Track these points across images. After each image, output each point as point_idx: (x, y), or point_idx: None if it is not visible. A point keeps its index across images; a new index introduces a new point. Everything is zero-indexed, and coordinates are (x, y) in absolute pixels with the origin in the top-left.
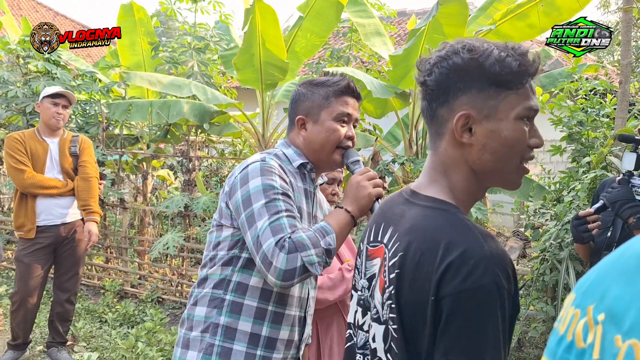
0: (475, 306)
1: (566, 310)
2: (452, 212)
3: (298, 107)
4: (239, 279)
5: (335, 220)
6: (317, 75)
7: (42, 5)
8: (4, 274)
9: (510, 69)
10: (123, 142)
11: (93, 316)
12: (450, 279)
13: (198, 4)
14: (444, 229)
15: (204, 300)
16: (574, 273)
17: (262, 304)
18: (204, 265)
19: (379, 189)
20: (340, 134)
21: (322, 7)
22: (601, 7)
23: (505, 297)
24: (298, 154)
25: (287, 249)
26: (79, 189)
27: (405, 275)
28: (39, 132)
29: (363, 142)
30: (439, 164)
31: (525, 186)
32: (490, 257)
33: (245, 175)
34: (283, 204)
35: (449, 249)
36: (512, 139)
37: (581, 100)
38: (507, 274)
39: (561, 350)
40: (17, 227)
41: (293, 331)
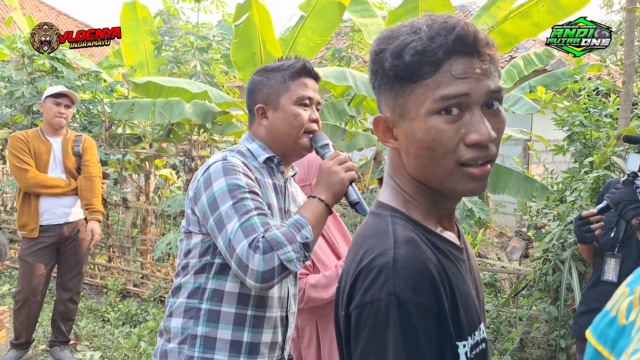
0: (373, 323)
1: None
2: (383, 217)
3: (255, 96)
4: (214, 286)
5: (310, 211)
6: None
7: (45, 5)
8: (6, 273)
9: (403, 59)
10: (126, 141)
11: (95, 315)
12: (356, 291)
13: (201, 3)
14: (367, 235)
15: (179, 311)
16: (576, 273)
17: (240, 310)
18: (177, 274)
19: (352, 172)
20: (304, 118)
21: (324, 6)
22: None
23: (411, 310)
24: (263, 148)
25: (262, 249)
26: (82, 189)
27: (339, 292)
28: (42, 131)
29: (365, 141)
30: (388, 167)
31: (528, 186)
32: (394, 265)
33: (208, 178)
34: (252, 203)
35: (362, 257)
36: (428, 141)
37: (584, 100)
38: (416, 284)
39: (603, 324)
40: (20, 226)
41: (276, 333)
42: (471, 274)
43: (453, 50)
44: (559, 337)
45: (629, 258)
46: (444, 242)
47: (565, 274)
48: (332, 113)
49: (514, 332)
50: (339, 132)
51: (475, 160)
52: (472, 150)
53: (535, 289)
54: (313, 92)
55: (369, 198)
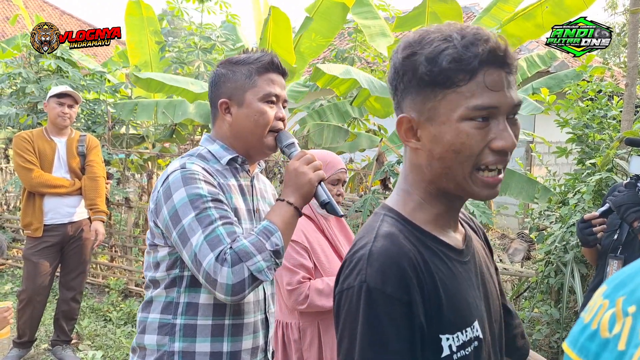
0: (347, 308)
1: (594, 301)
2: (378, 215)
3: (219, 90)
4: (187, 300)
5: (279, 216)
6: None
7: (49, 4)
8: (9, 272)
9: (440, 67)
10: (129, 141)
11: (98, 315)
12: (339, 280)
13: (205, 4)
14: (361, 232)
15: (152, 327)
16: (579, 276)
17: (217, 320)
18: (147, 287)
19: (320, 172)
20: (270, 116)
21: (328, 7)
22: (608, 9)
23: (379, 298)
24: (225, 149)
25: (230, 261)
26: (86, 189)
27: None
28: (47, 131)
29: (368, 142)
30: (405, 168)
31: (530, 188)
32: (368, 256)
33: (167, 189)
34: (215, 212)
35: (350, 251)
36: (456, 144)
37: (587, 102)
38: (386, 275)
39: (584, 338)
40: (24, 225)
41: (257, 337)
42: (477, 275)
43: (487, 61)
44: (560, 340)
45: (632, 260)
46: (436, 242)
47: (567, 276)
48: (335, 114)
49: None
50: (342, 132)
51: (495, 165)
52: (494, 155)
53: (537, 291)
54: (280, 88)
55: (372, 199)
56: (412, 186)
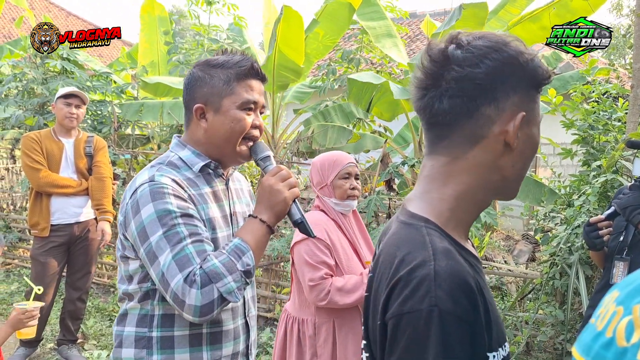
0: (412, 333)
1: (606, 307)
2: (417, 227)
3: (195, 94)
4: (162, 312)
5: (251, 234)
6: (327, 78)
7: (55, 5)
8: (15, 271)
9: (544, 73)
10: (135, 141)
11: (103, 314)
12: (393, 300)
13: (213, 6)
14: (401, 246)
15: (129, 341)
16: (583, 277)
17: (194, 330)
18: (120, 300)
19: (295, 189)
20: (246, 124)
21: (334, 9)
22: (614, 10)
23: (452, 322)
24: (197, 154)
25: (199, 283)
26: (93, 189)
27: (370, 300)
28: (54, 132)
29: (372, 143)
30: (443, 173)
31: (536, 191)
32: (435, 277)
33: (135, 203)
34: (185, 229)
35: (398, 267)
36: (537, 145)
37: (593, 103)
38: (456, 296)
39: (598, 346)
40: (31, 225)
41: (237, 342)
42: None
43: None
44: (565, 341)
45: (638, 261)
46: (469, 255)
47: (572, 278)
48: (340, 115)
49: (520, 335)
50: (345, 133)
51: None
52: None
53: (542, 293)
54: (258, 95)
55: (376, 200)
56: (451, 194)
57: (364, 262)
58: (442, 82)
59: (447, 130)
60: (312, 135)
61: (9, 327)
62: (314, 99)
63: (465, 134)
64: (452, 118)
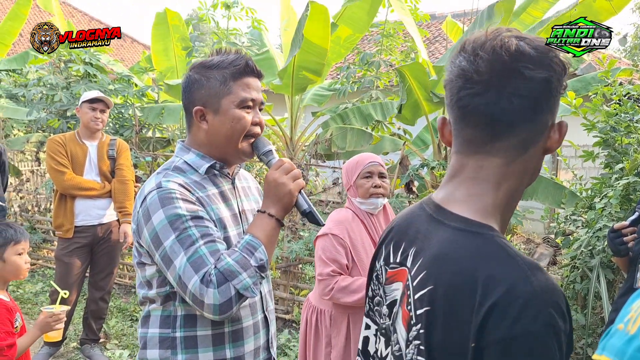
0: (527, 356)
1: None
2: (488, 237)
3: (193, 97)
4: (184, 312)
5: (261, 229)
6: (346, 81)
7: (78, 11)
8: (39, 272)
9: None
10: (155, 144)
11: (124, 314)
12: (495, 324)
13: (231, 10)
14: (480, 259)
15: (153, 342)
16: (604, 281)
17: (216, 330)
18: (142, 303)
19: (299, 180)
20: (246, 122)
21: (354, 12)
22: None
23: (563, 339)
24: (201, 157)
25: (215, 282)
26: (115, 191)
27: (437, 315)
28: (79, 135)
29: (391, 146)
30: (496, 176)
31: (557, 193)
32: (540, 295)
33: (145, 211)
34: (196, 231)
35: (489, 285)
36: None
37: (614, 105)
38: (562, 311)
39: (632, 350)
40: (56, 226)
41: (258, 338)
42: None
43: None
44: (586, 346)
45: None
46: None
47: (593, 282)
48: (358, 117)
49: None
50: (365, 136)
51: None
52: None
53: None
54: (256, 92)
55: (394, 203)
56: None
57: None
58: (512, 80)
59: (506, 130)
60: (331, 137)
61: (37, 330)
62: (332, 102)
63: (523, 137)
64: (515, 119)
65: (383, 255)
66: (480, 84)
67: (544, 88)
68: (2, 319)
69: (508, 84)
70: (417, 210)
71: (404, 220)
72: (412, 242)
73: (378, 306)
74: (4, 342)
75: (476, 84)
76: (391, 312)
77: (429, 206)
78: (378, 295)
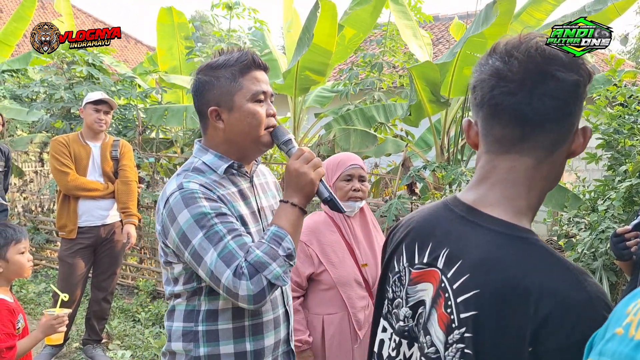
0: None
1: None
2: (534, 242)
3: (205, 98)
4: (207, 307)
5: (286, 219)
6: (349, 82)
7: (82, 12)
8: (42, 272)
9: None
10: (159, 145)
11: (127, 315)
12: (553, 331)
13: (233, 11)
14: (530, 265)
15: (177, 335)
16: (607, 283)
17: (237, 323)
18: (169, 297)
19: (320, 169)
20: (262, 115)
21: (357, 14)
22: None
23: None
24: (219, 157)
25: (247, 275)
26: (119, 192)
27: (486, 319)
28: (82, 136)
29: (394, 147)
30: (528, 177)
31: (559, 195)
32: (595, 300)
33: (170, 212)
34: (223, 227)
35: (543, 293)
36: None
37: (618, 107)
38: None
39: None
40: (59, 227)
41: (279, 331)
42: None
43: None
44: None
45: None
46: None
47: None
48: (361, 119)
49: None
50: (369, 137)
51: None
52: None
53: None
54: (265, 84)
55: (397, 204)
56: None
57: (360, 264)
58: (545, 81)
59: (536, 130)
60: (334, 139)
61: (40, 333)
62: (335, 103)
63: (551, 138)
64: (546, 119)
65: (405, 256)
66: (513, 82)
67: (573, 91)
68: (3, 320)
69: (541, 84)
70: (441, 211)
71: (426, 221)
72: (442, 243)
73: (397, 308)
74: (4, 344)
75: (510, 82)
76: (415, 313)
77: (458, 207)
78: (399, 297)
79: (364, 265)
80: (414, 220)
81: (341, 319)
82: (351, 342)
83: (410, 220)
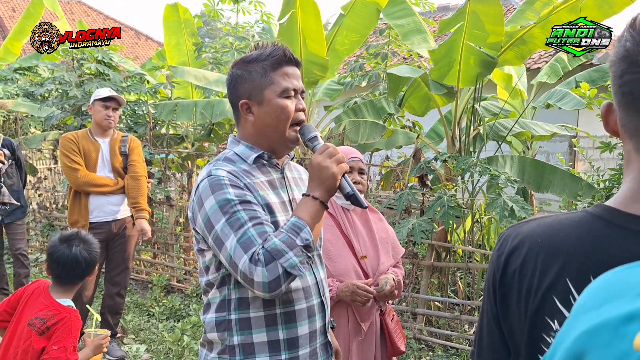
0: None
1: None
2: None
3: (238, 91)
4: (238, 295)
5: (306, 211)
6: (355, 74)
7: (93, 10)
8: None
9: None
10: (169, 141)
11: (141, 310)
12: None
13: (239, 4)
14: None
15: (211, 326)
16: None
17: (269, 311)
18: (204, 292)
19: (343, 164)
20: (290, 110)
21: (362, 5)
22: None
23: None
24: (250, 148)
25: (263, 261)
26: (129, 188)
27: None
28: (91, 132)
29: (405, 139)
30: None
31: (573, 185)
32: None
33: (198, 198)
34: (245, 215)
35: None
36: None
37: None
38: None
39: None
40: (71, 223)
41: (313, 322)
42: None
43: None
44: None
45: None
46: None
47: None
48: (371, 110)
49: None
50: (378, 128)
51: None
52: None
53: None
54: (296, 80)
55: (408, 194)
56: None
57: (358, 256)
58: None
59: None
60: (344, 131)
61: (91, 351)
62: (345, 96)
63: None
64: None
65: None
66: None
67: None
68: (75, 333)
69: None
70: (599, 230)
71: (581, 243)
72: None
73: None
74: (73, 358)
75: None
76: None
77: (631, 223)
78: None
79: (363, 257)
80: (560, 247)
81: (339, 312)
82: (349, 335)
83: (550, 244)
